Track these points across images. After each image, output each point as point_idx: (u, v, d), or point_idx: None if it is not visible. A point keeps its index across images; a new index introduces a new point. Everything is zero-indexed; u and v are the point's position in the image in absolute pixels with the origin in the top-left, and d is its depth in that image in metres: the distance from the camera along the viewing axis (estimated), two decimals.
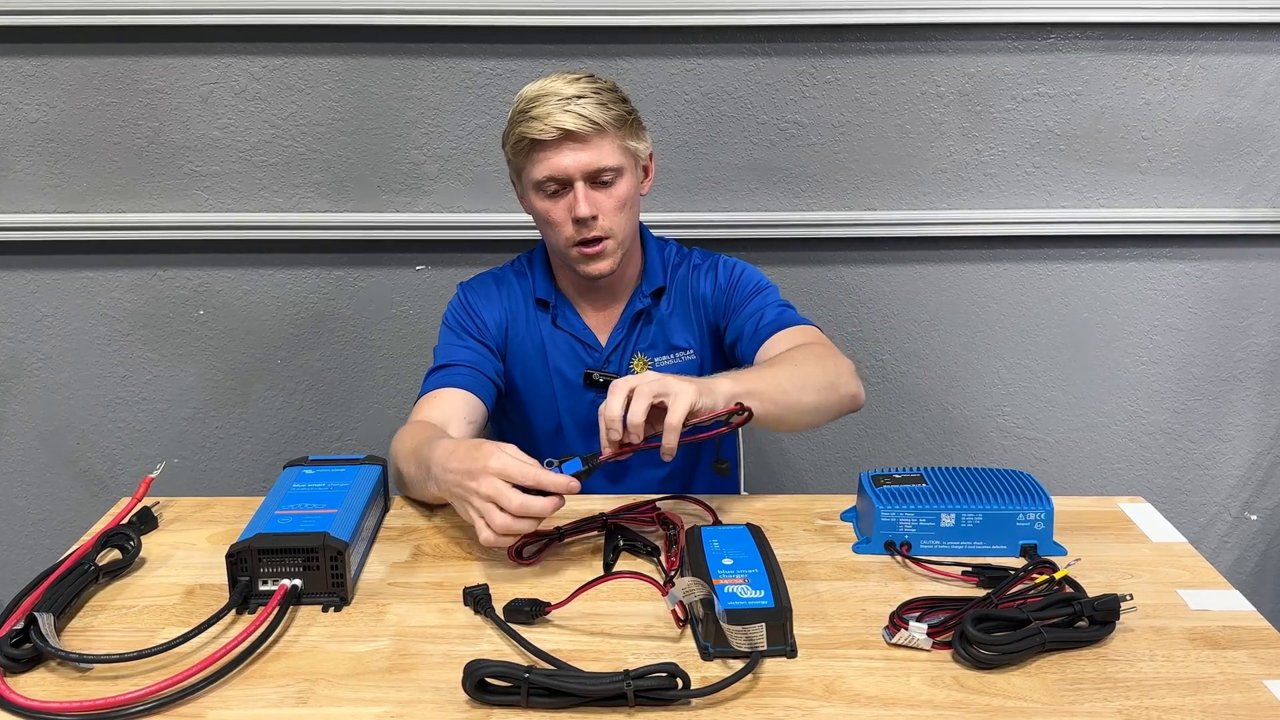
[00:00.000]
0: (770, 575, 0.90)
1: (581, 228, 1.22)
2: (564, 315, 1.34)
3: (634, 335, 1.34)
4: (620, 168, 1.22)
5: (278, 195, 1.67)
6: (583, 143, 1.19)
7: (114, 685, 0.80)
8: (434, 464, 1.02)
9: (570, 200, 1.21)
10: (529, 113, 1.19)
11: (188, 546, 1.05)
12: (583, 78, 1.22)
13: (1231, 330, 1.79)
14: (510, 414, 1.38)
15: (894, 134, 1.67)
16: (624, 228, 1.25)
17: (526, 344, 1.34)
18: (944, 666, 0.83)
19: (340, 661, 0.84)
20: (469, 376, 1.26)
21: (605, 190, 1.22)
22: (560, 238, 1.24)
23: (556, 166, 1.20)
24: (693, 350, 1.36)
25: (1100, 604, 0.87)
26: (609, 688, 0.77)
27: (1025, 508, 1.01)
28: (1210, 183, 1.71)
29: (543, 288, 1.34)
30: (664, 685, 0.77)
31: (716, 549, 0.95)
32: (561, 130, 1.17)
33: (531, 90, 1.21)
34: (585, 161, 1.20)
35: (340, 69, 1.61)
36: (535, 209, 1.25)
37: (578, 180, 1.20)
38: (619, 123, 1.21)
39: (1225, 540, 1.92)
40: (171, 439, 1.79)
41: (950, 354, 1.80)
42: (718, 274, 1.36)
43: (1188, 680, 0.82)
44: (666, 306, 1.35)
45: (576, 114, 1.18)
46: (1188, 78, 1.65)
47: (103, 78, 1.60)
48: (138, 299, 1.71)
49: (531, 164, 1.21)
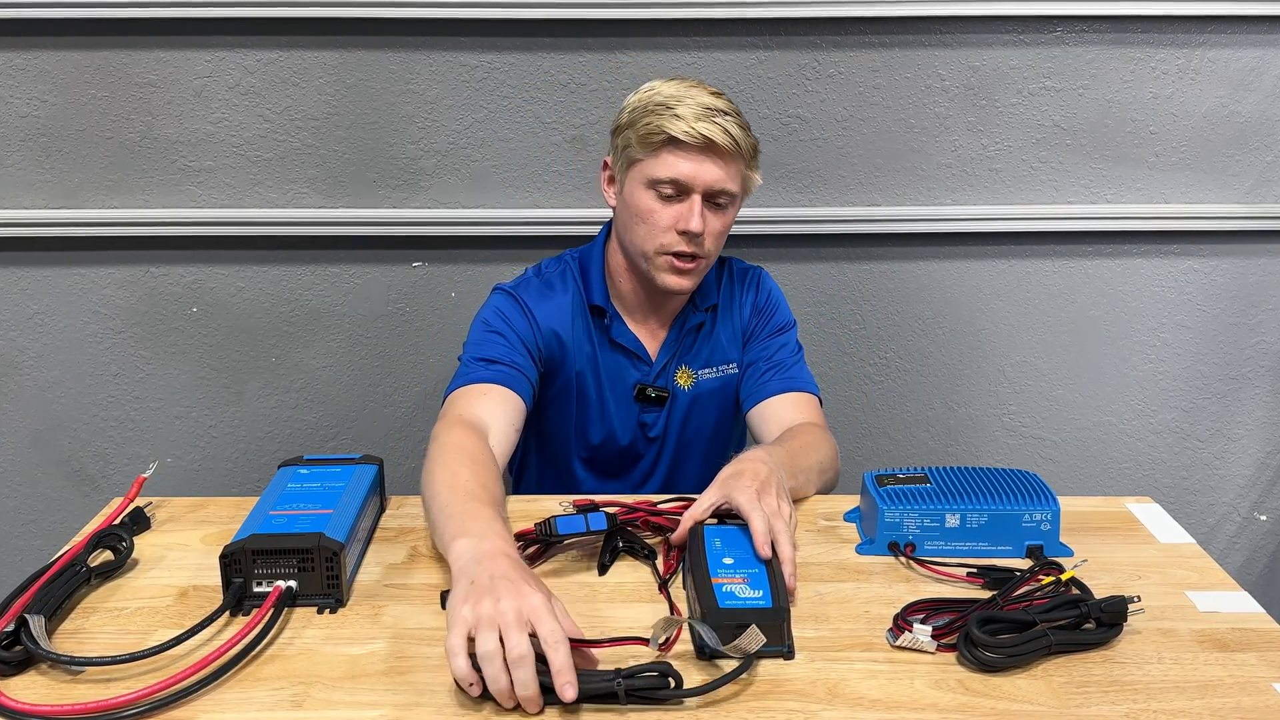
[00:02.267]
0: (770, 575, 0.88)
1: (685, 240, 1.19)
2: (618, 325, 1.30)
3: (684, 349, 1.33)
4: (737, 195, 1.22)
5: (272, 191, 1.66)
6: (720, 159, 1.17)
7: (106, 688, 0.79)
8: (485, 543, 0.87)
9: (682, 209, 1.19)
10: (673, 109, 1.16)
11: (181, 547, 1.04)
12: (722, 95, 1.21)
13: (1240, 328, 1.79)
14: (553, 422, 1.34)
15: (898, 128, 1.66)
16: (716, 253, 1.25)
17: (578, 352, 1.30)
18: (949, 669, 0.83)
19: (336, 664, 0.84)
20: (514, 377, 1.20)
21: (717, 212, 1.21)
22: (654, 241, 1.21)
23: (686, 172, 1.17)
24: (734, 363, 1.36)
25: (1107, 606, 0.86)
26: (600, 686, 0.76)
27: (1031, 508, 1.01)
28: (1219, 178, 1.70)
29: (599, 294, 1.30)
30: (655, 685, 0.77)
31: (718, 548, 0.94)
32: (705, 139, 1.15)
33: (671, 89, 1.19)
34: (714, 178, 1.18)
35: (336, 63, 1.60)
36: (637, 204, 1.21)
37: (698, 193, 1.18)
38: (752, 152, 1.21)
39: (1234, 541, 1.92)
40: (164, 438, 1.78)
41: (955, 351, 1.79)
42: (757, 292, 1.37)
43: (1196, 683, 0.82)
44: (716, 320, 1.35)
45: (724, 129, 1.16)
46: (1196, 71, 1.64)
47: (94, 71, 1.59)
48: (130, 296, 1.70)
49: (658, 160, 1.18)
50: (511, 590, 0.79)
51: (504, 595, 0.78)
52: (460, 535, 0.89)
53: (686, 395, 1.34)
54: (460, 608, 0.79)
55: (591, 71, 1.60)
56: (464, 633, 0.77)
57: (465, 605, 0.79)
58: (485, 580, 0.81)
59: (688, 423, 1.35)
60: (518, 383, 1.20)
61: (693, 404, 1.34)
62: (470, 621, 0.77)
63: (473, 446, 1.06)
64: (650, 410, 1.33)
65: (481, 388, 1.17)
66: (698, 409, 1.35)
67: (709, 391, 1.35)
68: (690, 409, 1.34)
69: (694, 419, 1.35)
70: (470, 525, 0.90)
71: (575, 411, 1.32)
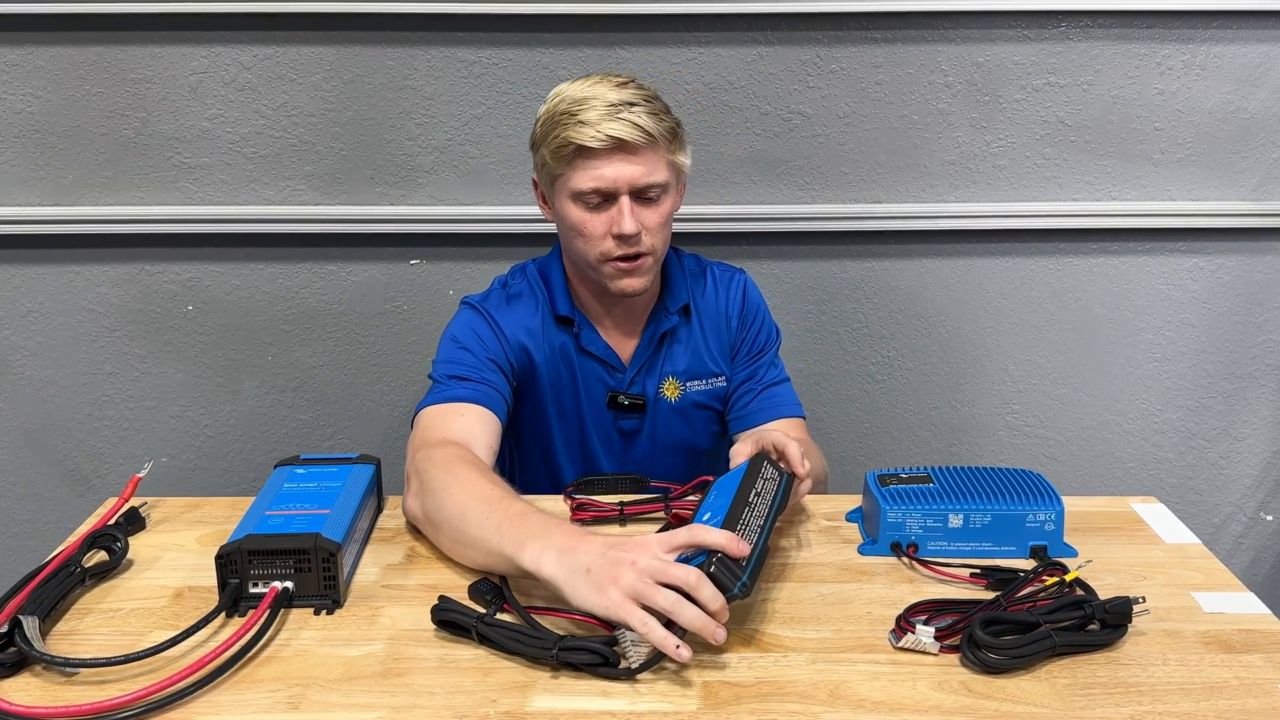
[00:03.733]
0: (729, 515, 0.88)
1: (623, 243, 1.17)
2: (587, 333, 1.28)
3: (661, 357, 1.31)
4: (667, 184, 1.18)
5: (268, 188, 1.65)
6: (634, 155, 1.13)
7: (101, 690, 0.79)
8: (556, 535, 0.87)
9: (612, 214, 1.16)
10: (576, 116, 1.12)
11: (176, 548, 1.04)
12: (629, 83, 1.17)
13: (1246, 326, 1.78)
14: (529, 434, 1.32)
15: (900, 125, 1.65)
16: (664, 245, 1.22)
17: (552, 363, 1.28)
18: (952, 671, 0.82)
19: (333, 666, 0.83)
20: (490, 395, 1.17)
21: (650, 206, 1.17)
22: (595, 251, 1.18)
23: (604, 177, 1.14)
24: (723, 375, 1.33)
25: (1112, 607, 0.86)
26: (538, 651, 0.81)
27: (1035, 508, 1.00)
28: (1225, 175, 1.69)
29: (563, 304, 1.27)
30: (592, 663, 0.80)
31: (711, 500, 0.95)
32: (613, 139, 1.11)
33: (575, 91, 1.15)
34: (635, 175, 1.14)
35: (333, 58, 1.59)
36: (569, 219, 1.19)
37: (624, 194, 1.15)
38: (670, 135, 1.16)
39: (1240, 541, 1.91)
40: (160, 437, 1.77)
41: (958, 350, 1.78)
42: (744, 302, 1.34)
43: (1202, 685, 0.81)
44: (699, 328, 1.32)
45: (630, 123, 1.11)
46: (1202, 67, 1.63)
47: (89, 67, 1.58)
48: (125, 294, 1.70)
49: (574, 172, 1.15)
50: (628, 549, 0.83)
51: (630, 557, 0.82)
52: (525, 541, 0.88)
53: (673, 406, 1.32)
54: (609, 595, 0.81)
55: (591, 67, 1.59)
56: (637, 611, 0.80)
57: (611, 590, 0.81)
58: (599, 562, 0.83)
59: (674, 433, 1.33)
60: (493, 401, 1.17)
61: (680, 415, 1.33)
62: (631, 596, 0.80)
63: (473, 458, 1.05)
64: (626, 418, 1.31)
65: (458, 407, 1.14)
66: (684, 421, 1.33)
67: (697, 404, 1.33)
68: (678, 420, 1.33)
69: (681, 430, 1.33)
70: (528, 527, 0.89)
71: (551, 423, 1.30)
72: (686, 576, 0.80)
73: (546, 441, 1.32)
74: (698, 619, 0.79)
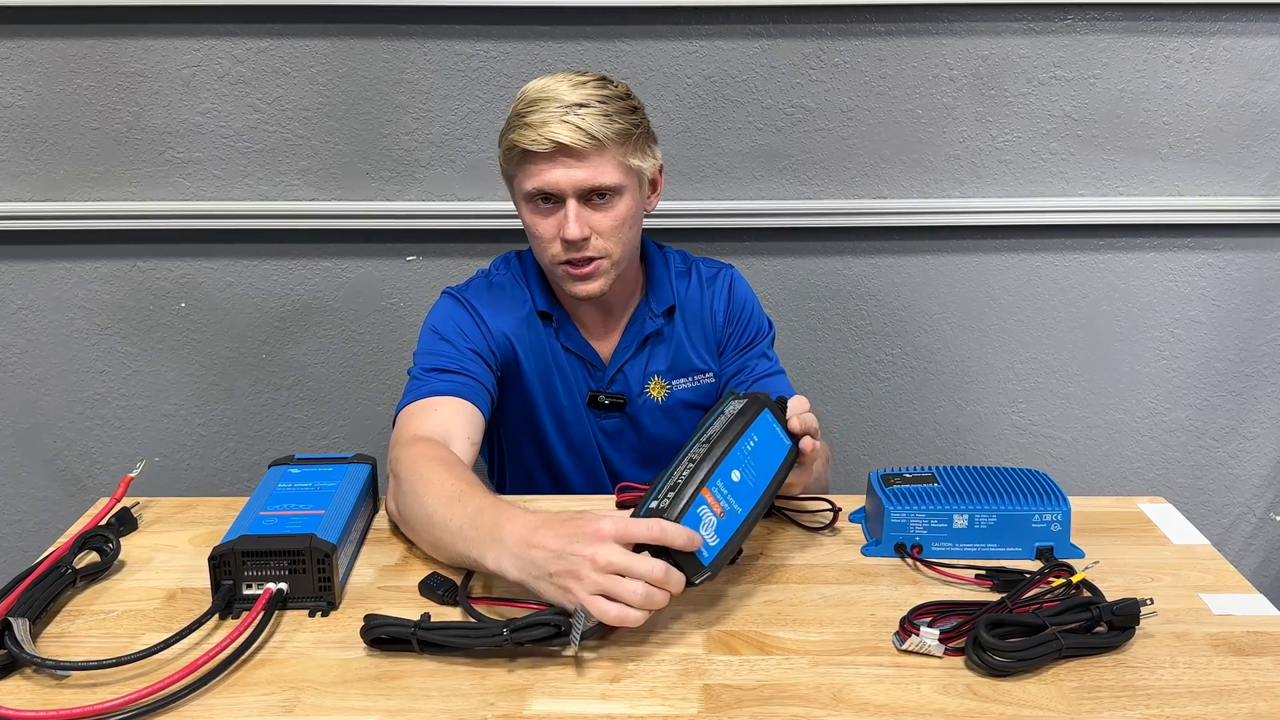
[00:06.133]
0: (741, 528, 0.87)
1: (570, 248, 1.15)
2: (566, 330, 1.27)
3: (644, 356, 1.29)
4: (619, 186, 1.14)
5: (263, 183, 1.64)
6: (578, 159, 1.11)
7: (92, 693, 0.79)
8: (507, 537, 0.87)
9: (559, 217, 1.14)
10: (525, 118, 1.11)
11: (169, 549, 1.03)
12: (590, 81, 1.14)
13: (1256, 323, 1.78)
14: (515, 429, 1.31)
15: (904, 119, 1.64)
16: (621, 247, 1.18)
17: (535, 357, 1.26)
18: (956, 674, 0.82)
19: (327, 668, 0.83)
20: (470, 387, 1.15)
21: (601, 209, 1.15)
22: (546, 254, 1.17)
23: (547, 181, 1.12)
24: (711, 373, 1.32)
25: (1119, 609, 0.85)
26: (489, 640, 0.81)
27: (1041, 508, 1.00)
28: (1234, 170, 1.69)
29: (542, 300, 1.26)
30: (545, 636, 0.81)
31: (747, 451, 0.91)
32: (555, 143, 1.10)
33: (532, 91, 1.13)
34: (579, 179, 1.12)
35: (328, 51, 1.58)
36: (525, 220, 1.18)
37: (570, 197, 1.13)
38: (622, 138, 1.13)
39: (1250, 542, 1.91)
40: (152, 436, 1.76)
41: (963, 348, 1.78)
42: (730, 298, 1.32)
43: (1210, 688, 0.80)
44: (682, 326, 1.30)
45: (574, 126, 1.09)
46: (1211, 60, 1.63)
47: (80, 60, 1.57)
48: (117, 291, 1.69)
49: (522, 174, 1.14)
50: (585, 544, 0.82)
51: (588, 552, 0.81)
52: (485, 545, 0.88)
53: (660, 406, 1.31)
54: (576, 596, 0.81)
55: (590, 61, 1.59)
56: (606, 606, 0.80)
57: (576, 590, 0.81)
58: (557, 565, 0.82)
59: (660, 432, 1.32)
60: (474, 392, 1.15)
61: (668, 414, 1.31)
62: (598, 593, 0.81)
63: (442, 453, 1.04)
64: (608, 417, 1.30)
65: (433, 401, 1.12)
66: (671, 419, 1.32)
67: (684, 402, 1.32)
68: (665, 419, 1.31)
69: (668, 429, 1.32)
70: (485, 528, 0.89)
71: (541, 413, 1.29)
72: (652, 571, 0.81)
73: (539, 431, 1.30)
74: (666, 601, 0.82)
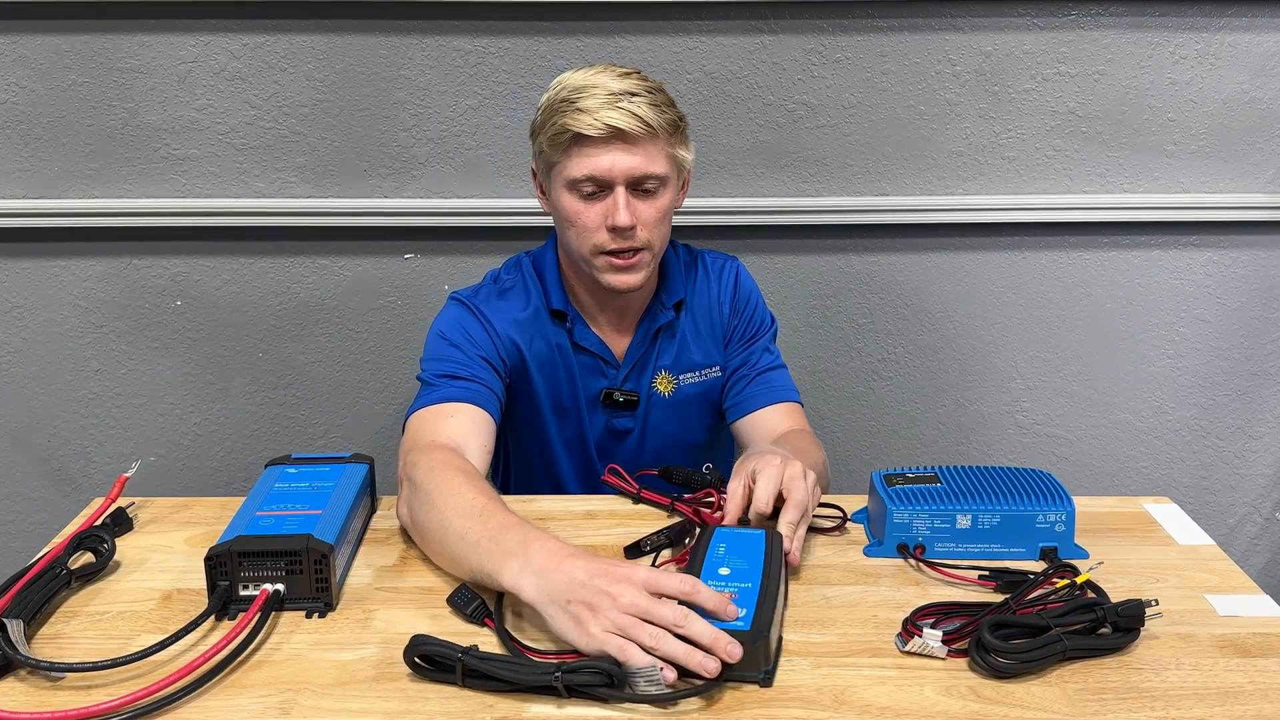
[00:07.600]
0: (762, 594, 0.84)
1: (618, 237, 1.15)
2: (580, 328, 1.26)
3: (654, 351, 1.29)
4: (666, 177, 1.16)
5: (259, 180, 1.64)
6: (632, 145, 1.12)
7: (87, 695, 0.78)
8: (535, 556, 0.85)
9: (607, 205, 1.14)
10: (575, 104, 1.11)
11: (164, 549, 1.03)
12: (633, 73, 1.16)
13: (1262, 322, 1.78)
14: (524, 431, 1.30)
15: (907, 115, 1.64)
16: (661, 240, 1.20)
17: (542, 358, 1.26)
18: (959, 675, 0.81)
19: (325, 670, 0.83)
20: (481, 393, 1.15)
21: (647, 199, 1.16)
22: (588, 244, 1.17)
23: (599, 167, 1.12)
24: (717, 366, 1.32)
25: (1124, 610, 0.85)
26: (539, 678, 0.77)
27: (1045, 509, 0.99)
28: (1240, 166, 1.69)
29: (557, 298, 1.26)
30: (596, 683, 0.77)
31: (720, 555, 0.90)
32: (611, 128, 1.10)
33: (577, 79, 1.14)
34: (632, 166, 1.13)
35: (325, 47, 1.58)
36: (563, 208, 1.17)
37: (620, 185, 1.13)
38: (671, 128, 1.15)
39: (1255, 542, 1.91)
40: (148, 436, 1.76)
41: (966, 347, 1.77)
42: (736, 289, 1.32)
43: (1216, 690, 0.80)
44: (689, 320, 1.30)
45: (629, 112, 1.11)
46: (1216, 56, 1.63)
47: (75, 56, 1.56)
48: (112, 289, 1.68)
49: (570, 160, 1.14)
50: (610, 582, 0.79)
51: (613, 591, 0.79)
52: (505, 560, 0.86)
53: (668, 401, 1.31)
54: (588, 630, 0.78)
55: (590, 57, 1.58)
56: (614, 640, 0.77)
57: (590, 624, 0.78)
58: (579, 593, 0.80)
59: (669, 428, 1.32)
60: (485, 399, 1.14)
61: (675, 409, 1.31)
62: (614, 630, 0.78)
63: (461, 463, 1.03)
64: (620, 415, 1.30)
65: (448, 407, 1.12)
66: (679, 414, 1.32)
67: (692, 396, 1.32)
68: (672, 414, 1.31)
69: (676, 424, 1.32)
70: (507, 544, 0.87)
71: (547, 419, 1.28)
72: (675, 618, 0.77)
73: (543, 437, 1.30)
74: (682, 651, 0.77)
